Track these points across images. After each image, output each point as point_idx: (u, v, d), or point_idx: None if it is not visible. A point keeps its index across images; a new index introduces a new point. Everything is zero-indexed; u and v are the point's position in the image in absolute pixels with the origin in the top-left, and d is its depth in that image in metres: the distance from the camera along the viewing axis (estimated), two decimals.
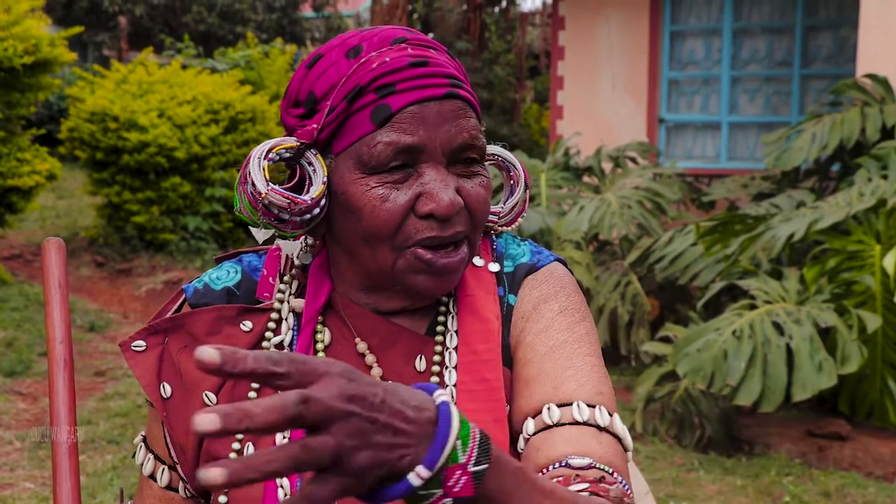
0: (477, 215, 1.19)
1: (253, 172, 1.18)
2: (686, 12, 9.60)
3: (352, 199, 1.17)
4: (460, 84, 1.19)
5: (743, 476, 4.81)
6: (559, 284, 1.28)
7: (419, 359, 1.24)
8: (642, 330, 6.41)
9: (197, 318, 1.26)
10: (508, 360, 1.24)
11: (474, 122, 1.19)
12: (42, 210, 11.18)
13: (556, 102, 10.04)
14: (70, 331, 1.22)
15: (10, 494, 4.41)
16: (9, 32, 8.12)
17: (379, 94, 1.15)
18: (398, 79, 1.15)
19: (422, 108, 1.15)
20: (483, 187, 1.20)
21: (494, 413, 1.20)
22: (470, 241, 1.20)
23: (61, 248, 1.29)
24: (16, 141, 8.54)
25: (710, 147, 9.61)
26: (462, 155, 1.18)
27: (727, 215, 5.87)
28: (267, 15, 22.83)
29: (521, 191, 1.33)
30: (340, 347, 1.25)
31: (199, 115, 9.87)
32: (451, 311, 1.26)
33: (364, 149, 1.15)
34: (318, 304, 1.24)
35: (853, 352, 4.74)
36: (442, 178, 1.16)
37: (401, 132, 1.14)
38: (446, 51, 1.23)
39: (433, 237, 1.16)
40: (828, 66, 9.11)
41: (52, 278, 1.26)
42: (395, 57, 1.16)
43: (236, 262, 1.32)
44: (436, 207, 1.15)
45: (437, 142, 1.15)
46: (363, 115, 1.15)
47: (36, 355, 6.65)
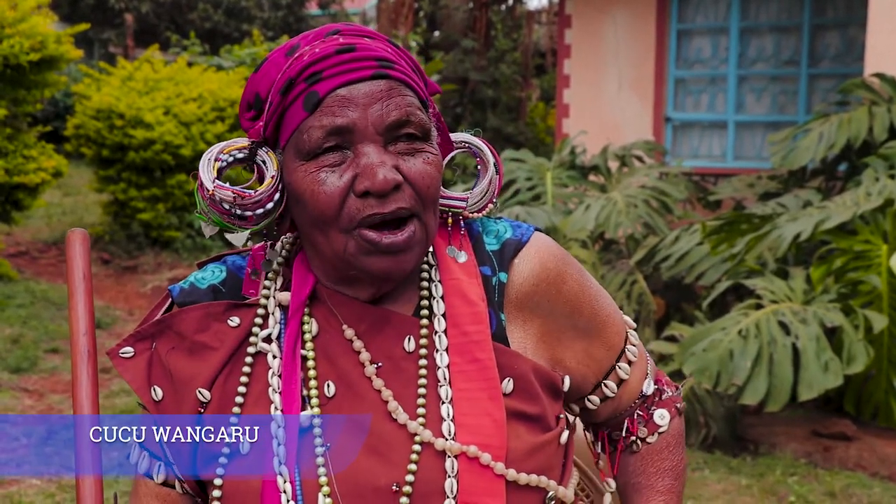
0: (423, 191, 1.21)
1: (202, 173, 1.22)
2: (693, 11, 9.58)
3: (296, 186, 1.21)
4: (391, 65, 1.22)
5: (748, 475, 4.80)
6: (558, 258, 1.33)
7: (408, 340, 1.26)
8: (648, 329, 6.39)
9: (184, 316, 1.29)
10: (503, 338, 1.28)
11: (410, 100, 1.21)
12: (48, 207, 11.19)
13: (563, 101, 10.02)
14: (94, 323, 1.22)
15: (17, 490, 4.41)
16: (15, 29, 8.12)
17: (308, 82, 1.19)
18: (325, 66, 1.19)
19: (349, 90, 1.19)
20: (428, 164, 1.22)
21: (489, 392, 1.23)
22: (420, 219, 1.22)
23: (86, 239, 1.29)
24: (22, 138, 8.54)
25: (717, 146, 9.59)
26: (399, 132, 1.20)
27: (733, 215, 5.86)
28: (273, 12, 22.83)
29: (490, 175, 1.34)
30: (328, 336, 1.27)
31: (204, 113, 9.88)
32: (435, 294, 1.28)
33: (300, 136, 1.19)
34: (303, 295, 1.27)
35: (859, 352, 4.73)
36: (378, 156, 1.18)
37: (331, 115, 1.18)
38: (387, 40, 1.27)
39: (374, 214, 1.18)
40: (835, 66, 9.08)
41: (77, 270, 1.26)
42: (324, 47, 1.20)
43: (220, 263, 1.35)
44: (370, 185, 1.17)
45: (367, 121, 1.18)
46: (297, 104, 1.20)
47: (42, 352, 6.66)
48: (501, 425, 1.21)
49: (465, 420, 1.21)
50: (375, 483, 1.19)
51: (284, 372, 1.24)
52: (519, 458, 1.22)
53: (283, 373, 1.24)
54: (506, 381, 1.25)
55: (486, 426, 1.21)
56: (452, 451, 1.20)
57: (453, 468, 1.19)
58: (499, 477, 1.20)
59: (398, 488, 1.18)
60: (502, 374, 1.25)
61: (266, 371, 1.26)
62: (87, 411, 1.19)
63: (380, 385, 1.23)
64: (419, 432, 1.20)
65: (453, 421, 1.21)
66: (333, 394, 1.24)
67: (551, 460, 1.27)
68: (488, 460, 1.20)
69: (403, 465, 1.19)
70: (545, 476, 1.24)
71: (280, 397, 1.23)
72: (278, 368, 1.25)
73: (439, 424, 1.21)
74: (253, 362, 1.26)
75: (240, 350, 1.27)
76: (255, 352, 1.26)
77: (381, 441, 1.21)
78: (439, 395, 1.23)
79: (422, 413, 1.22)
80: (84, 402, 1.20)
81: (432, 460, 1.20)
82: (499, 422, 1.21)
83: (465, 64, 15.13)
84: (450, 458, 1.19)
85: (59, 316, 7.64)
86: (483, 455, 1.19)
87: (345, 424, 1.22)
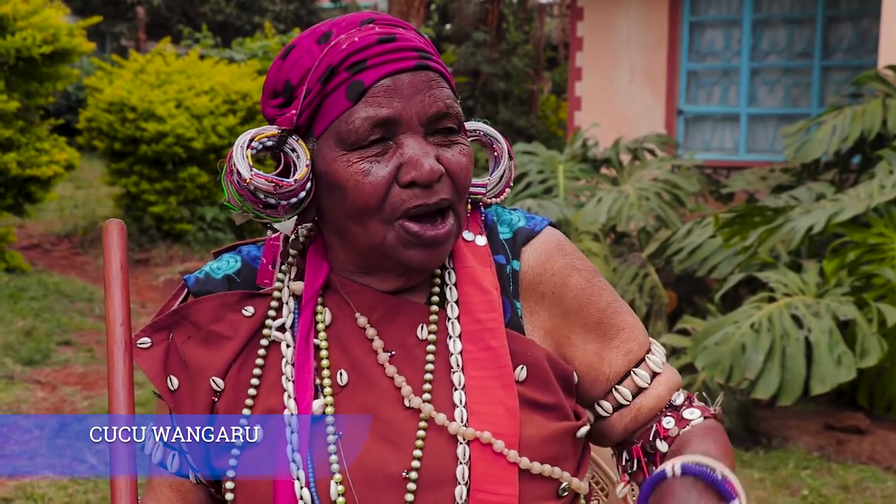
0: (459, 182, 1.22)
1: (237, 161, 1.22)
2: (706, 3, 9.55)
3: (335, 177, 1.20)
4: (429, 56, 1.22)
5: (761, 469, 4.79)
6: (566, 251, 1.33)
7: (421, 328, 1.26)
8: (660, 322, 6.38)
9: (200, 306, 1.29)
10: (518, 325, 1.28)
11: (448, 93, 1.22)
12: (60, 200, 11.23)
13: (574, 94, 10.00)
14: (129, 313, 1.22)
15: (30, 483, 4.43)
16: (28, 22, 8.15)
17: (351, 71, 1.18)
18: (368, 55, 1.18)
19: (394, 80, 1.19)
20: (464, 155, 1.23)
21: (502, 379, 1.23)
22: (455, 212, 1.23)
23: (123, 230, 1.28)
24: (34, 131, 8.57)
25: (729, 139, 9.56)
26: (439, 124, 1.21)
27: (746, 207, 5.84)
28: (284, 5, 22.83)
29: (506, 161, 1.36)
30: (342, 325, 1.27)
31: (216, 106, 9.89)
32: (448, 281, 1.28)
33: (343, 126, 1.18)
34: (316, 284, 1.27)
35: (873, 345, 4.71)
36: (421, 147, 1.19)
37: (377, 105, 1.18)
38: (414, 29, 1.26)
39: (419, 205, 1.19)
40: (849, 58, 9.04)
41: (114, 260, 1.26)
42: (363, 36, 1.20)
43: (235, 253, 1.36)
44: (417, 175, 1.17)
45: (412, 112, 1.19)
46: (339, 93, 1.19)
47: (55, 344, 6.69)
48: (514, 414, 1.21)
49: (478, 408, 1.21)
50: (387, 470, 1.19)
51: (297, 361, 1.24)
52: (532, 446, 1.21)
53: (297, 361, 1.24)
54: (519, 368, 1.24)
55: (498, 414, 1.21)
56: (466, 437, 1.19)
57: (465, 455, 1.19)
58: (512, 465, 1.20)
59: (409, 476, 1.18)
60: (516, 362, 1.24)
61: (280, 360, 1.26)
62: (124, 402, 1.19)
63: (392, 372, 1.23)
64: (433, 415, 1.20)
65: (466, 408, 1.21)
66: (346, 382, 1.24)
67: (566, 450, 1.26)
68: (501, 447, 1.19)
69: (415, 451, 1.19)
70: (559, 467, 1.24)
71: (293, 386, 1.23)
72: (292, 357, 1.25)
73: (452, 411, 1.21)
74: (266, 352, 1.26)
75: (254, 339, 1.27)
76: (268, 342, 1.27)
77: (393, 429, 1.20)
78: (452, 381, 1.23)
79: (434, 399, 1.22)
80: (120, 392, 1.20)
81: (444, 446, 1.20)
82: (511, 410, 1.21)
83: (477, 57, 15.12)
84: (462, 445, 1.19)
85: (71, 308, 7.67)
86: (496, 442, 1.19)
87: (357, 412, 1.22)
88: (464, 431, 1.19)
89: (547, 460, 1.22)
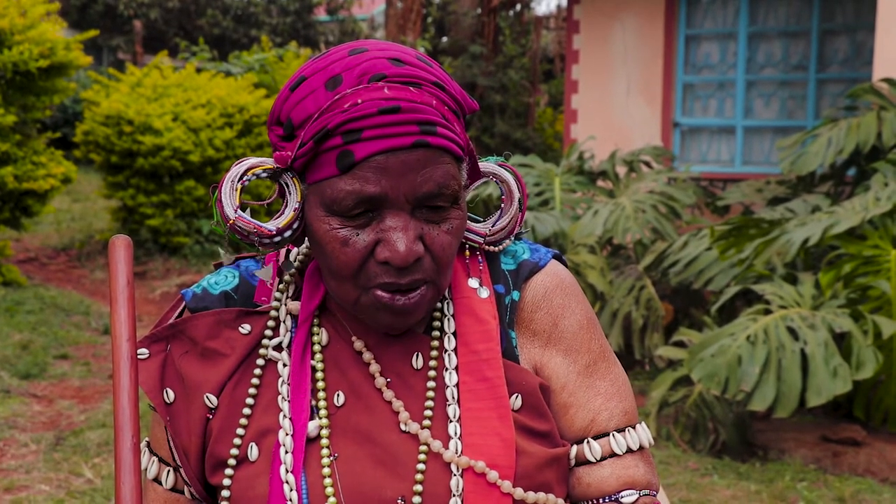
0: (441, 261, 1.19)
1: (224, 196, 1.21)
2: (701, 16, 9.58)
3: (316, 234, 1.19)
4: (433, 129, 1.15)
5: (757, 481, 4.79)
6: (567, 291, 1.31)
7: (416, 356, 1.25)
8: (656, 334, 6.39)
9: (196, 322, 1.29)
10: (513, 355, 1.27)
11: (445, 170, 1.16)
12: (57, 213, 11.23)
13: (571, 106, 10.02)
14: (135, 329, 1.22)
15: (26, 497, 4.42)
16: (24, 36, 8.16)
17: (345, 139, 1.13)
18: (365, 125, 1.13)
19: (387, 157, 1.13)
20: (449, 234, 1.19)
21: (498, 410, 1.22)
22: (435, 284, 1.21)
23: (129, 245, 1.27)
24: (31, 144, 8.58)
25: (725, 151, 9.58)
26: (428, 203, 1.17)
27: (742, 220, 5.85)
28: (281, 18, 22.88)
29: (514, 211, 1.32)
30: (338, 347, 1.26)
31: (213, 119, 9.91)
32: (447, 312, 1.28)
33: (328, 191, 1.16)
34: (313, 304, 1.26)
35: (868, 357, 4.72)
36: (403, 227, 1.15)
37: (363, 181, 1.13)
38: (433, 82, 1.18)
39: (390, 283, 1.17)
40: (844, 70, 9.07)
41: (120, 276, 1.26)
42: (367, 99, 1.13)
43: (234, 268, 1.35)
44: (390, 257, 1.15)
45: (399, 191, 1.14)
46: (330, 157, 1.15)
47: (51, 358, 6.68)
48: (510, 445, 1.20)
49: (473, 440, 1.20)
50: (381, 495, 1.18)
51: (293, 380, 1.24)
52: (527, 475, 1.21)
53: (292, 381, 1.24)
54: (514, 396, 1.24)
55: (494, 445, 1.20)
56: (460, 465, 1.19)
57: (458, 486, 1.18)
58: (506, 496, 1.19)
59: (404, 502, 1.18)
60: (511, 391, 1.24)
61: (276, 379, 1.26)
62: (129, 417, 1.19)
63: (390, 396, 1.23)
64: (429, 442, 1.19)
65: (461, 439, 1.20)
66: (343, 403, 1.23)
67: (558, 475, 1.26)
68: (495, 478, 1.19)
69: (410, 477, 1.19)
70: (552, 493, 1.24)
71: (289, 405, 1.23)
72: (288, 377, 1.25)
73: (447, 442, 1.21)
74: (263, 370, 1.26)
75: (250, 357, 1.27)
76: (265, 360, 1.26)
77: (389, 453, 1.20)
78: (447, 413, 1.22)
79: (429, 427, 1.21)
80: (126, 407, 1.20)
81: (440, 474, 1.19)
82: (508, 441, 1.20)
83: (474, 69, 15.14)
84: (455, 477, 1.19)
85: (67, 322, 7.66)
86: (490, 472, 1.19)
87: (353, 434, 1.21)
88: (458, 460, 1.19)
89: (541, 487, 1.22)
